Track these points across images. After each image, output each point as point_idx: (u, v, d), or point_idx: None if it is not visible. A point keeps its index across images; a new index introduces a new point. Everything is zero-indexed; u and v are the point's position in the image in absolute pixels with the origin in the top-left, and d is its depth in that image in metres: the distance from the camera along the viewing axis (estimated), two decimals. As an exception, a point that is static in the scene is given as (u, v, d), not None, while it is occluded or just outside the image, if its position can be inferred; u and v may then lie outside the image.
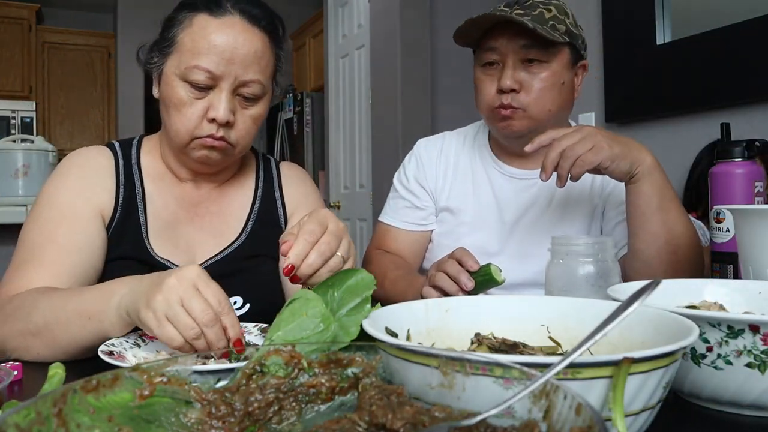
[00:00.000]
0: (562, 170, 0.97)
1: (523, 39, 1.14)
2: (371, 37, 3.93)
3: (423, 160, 1.36)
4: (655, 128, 2.10)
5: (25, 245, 0.94)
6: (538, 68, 1.16)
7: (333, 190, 4.56)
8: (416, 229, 1.35)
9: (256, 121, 1.00)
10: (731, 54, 1.81)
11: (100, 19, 6.29)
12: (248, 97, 0.97)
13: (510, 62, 1.16)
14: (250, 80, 0.96)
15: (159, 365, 0.39)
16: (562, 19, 1.16)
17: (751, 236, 0.79)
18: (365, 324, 0.53)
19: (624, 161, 0.97)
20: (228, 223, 1.08)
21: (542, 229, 1.25)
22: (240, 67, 0.94)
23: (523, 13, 1.13)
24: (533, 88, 1.16)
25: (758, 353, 0.53)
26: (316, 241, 0.74)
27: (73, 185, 0.98)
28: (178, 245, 1.02)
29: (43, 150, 2.48)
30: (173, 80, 0.95)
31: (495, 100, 1.18)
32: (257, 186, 1.14)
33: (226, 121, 0.95)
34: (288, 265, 0.73)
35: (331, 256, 0.75)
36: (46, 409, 0.32)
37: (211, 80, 0.94)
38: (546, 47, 1.15)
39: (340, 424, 0.37)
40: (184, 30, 0.96)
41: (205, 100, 0.95)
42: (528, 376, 0.36)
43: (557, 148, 0.97)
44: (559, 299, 0.66)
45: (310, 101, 5.00)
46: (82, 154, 1.04)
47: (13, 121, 5.46)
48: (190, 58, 0.94)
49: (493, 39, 1.17)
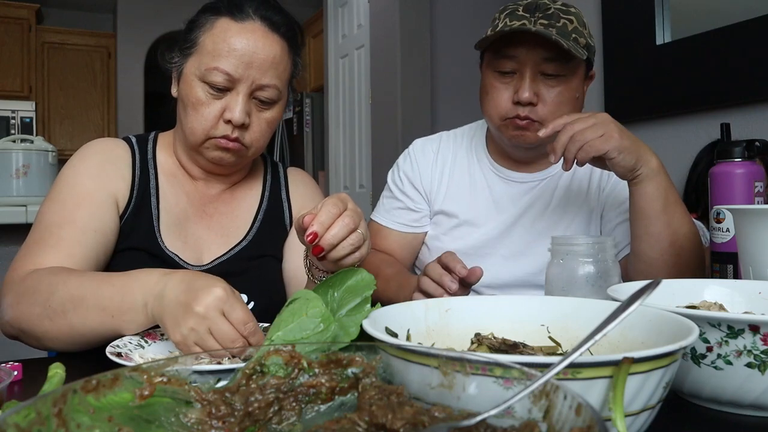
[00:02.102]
0: (569, 153, 0.96)
1: (544, 51, 1.11)
2: (371, 37, 3.93)
3: (419, 162, 1.35)
4: (655, 128, 2.10)
5: (42, 225, 0.95)
6: (555, 82, 1.14)
7: (333, 190, 4.56)
8: (408, 231, 1.34)
9: (270, 125, 1.02)
10: (731, 54, 1.81)
11: (100, 19, 6.29)
12: (264, 101, 0.99)
13: (529, 73, 1.13)
14: (266, 84, 0.98)
15: (159, 365, 0.39)
16: (582, 32, 1.14)
17: (751, 236, 0.79)
18: (365, 324, 0.53)
19: (631, 155, 0.97)
20: (235, 223, 1.09)
21: (539, 231, 1.25)
22: (258, 72, 0.97)
23: (548, 24, 1.10)
24: (550, 101, 1.14)
25: (758, 353, 0.53)
26: (339, 213, 0.75)
27: (92, 171, 1.00)
28: (187, 242, 1.03)
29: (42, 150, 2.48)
30: (192, 80, 0.98)
31: (510, 111, 1.16)
32: (264, 188, 1.15)
33: (241, 123, 0.97)
34: (311, 233, 0.72)
35: (353, 231, 0.75)
36: (46, 409, 0.32)
37: (229, 82, 0.96)
38: (566, 62, 1.13)
39: (340, 424, 0.37)
40: (205, 33, 0.98)
41: (222, 102, 0.97)
42: (528, 376, 0.36)
43: (568, 132, 0.97)
44: (559, 299, 0.66)
45: (310, 101, 5.00)
46: (101, 143, 1.06)
47: (13, 121, 5.46)
48: (210, 60, 0.96)
49: (513, 47, 1.14)
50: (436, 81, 3.73)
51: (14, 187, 2.41)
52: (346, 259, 0.76)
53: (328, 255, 0.74)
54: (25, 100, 5.58)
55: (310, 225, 0.73)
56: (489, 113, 1.21)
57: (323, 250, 0.73)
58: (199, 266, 1.03)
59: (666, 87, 2.00)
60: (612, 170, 1.00)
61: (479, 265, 0.97)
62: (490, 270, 1.18)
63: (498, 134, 1.23)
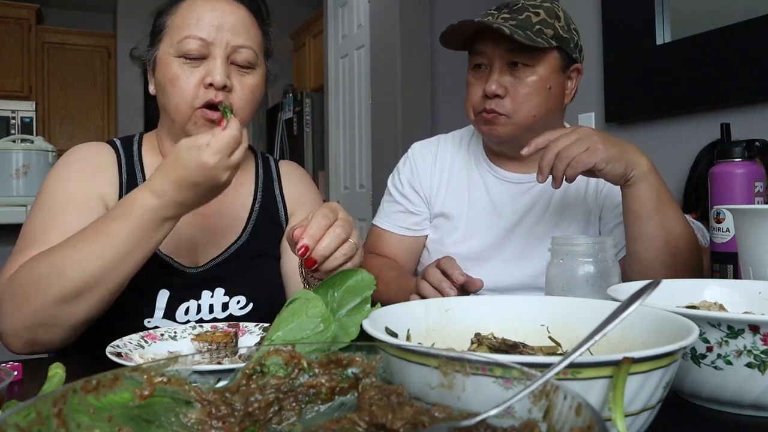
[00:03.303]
0: (557, 171, 0.97)
1: (507, 43, 1.14)
2: (371, 37, 3.93)
3: (418, 165, 1.35)
4: (655, 128, 2.10)
5: (29, 233, 0.93)
6: (523, 72, 1.15)
7: (333, 190, 4.56)
8: (410, 234, 1.34)
9: (253, 92, 1.00)
10: (731, 54, 1.81)
11: (100, 19, 6.29)
12: (242, 65, 0.99)
13: (497, 66, 1.16)
14: (241, 45, 0.98)
15: (159, 365, 0.39)
16: (551, 23, 1.15)
17: (751, 236, 0.79)
18: (365, 324, 0.53)
19: (619, 163, 0.97)
20: (229, 222, 1.08)
21: (538, 234, 1.25)
22: (230, 33, 0.97)
23: (509, 17, 1.13)
24: (518, 93, 1.15)
25: (758, 353, 0.53)
26: (330, 225, 0.74)
27: (77, 175, 0.98)
28: (180, 243, 1.02)
29: (42, 150, 2.48)
30: (167, 59, 0.97)
31: (479, 105, 1.18)
32: (257, 185, 1.14)
33: (223, 85, 0.95)
34: (302, 246, 0.72)
35: (345, 241, 0.75)
36: (46, 409, 0.32)
37: (203, 47, 0.96)
38: (531, 52, 1.14)
39: (340, 424, 0.36)
40: (172, 15, 1.00)
41: (201, 69, 0.96)
42: (528, 376, 0.36)
43: (553, 150, 0.97)
44: (559, 299, 0.66)
45: (310, 101, 5.00)
46: (85, 147, 1.04)
47: (13, 121, 5.45)
48: (181, 32, 0.96)
49: (481, 43, 1.18)
50: (436, 81, 3.73)
51: (14, 187, 2.41)
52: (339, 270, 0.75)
53: (321, 266, 0.74)
54: (25, 100, 5.58)
55: (300, 238, 0.73)
56: (466, 109, 1.24)
57: (316, 262, 0.73)
58: (194, 268, 1.01)
59: (666, 87, 2.00)
60: (604, 179, 1.01)
61: (481, 269, 0.97)
62: (491, 274, 1.19)
63: (477, 130, 1.26)
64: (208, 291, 1.01)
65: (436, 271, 0.99)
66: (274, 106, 5.80)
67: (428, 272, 1.00)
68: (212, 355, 0.68)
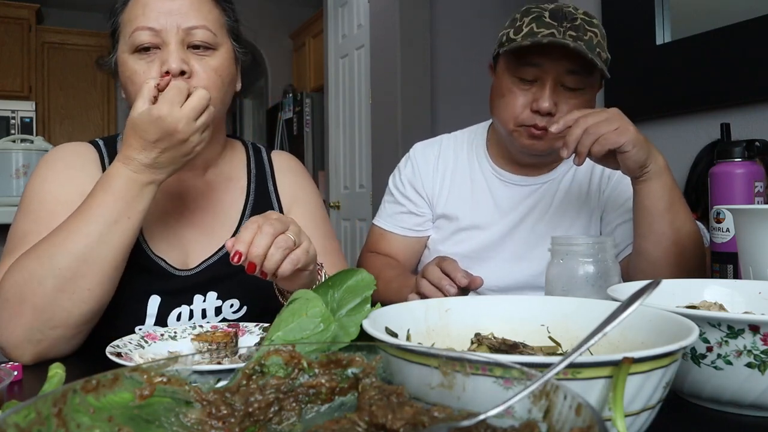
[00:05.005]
0: (583, 147, 0.96)
1: (568, 63, 1.10)
2: (371, 37, 3.93)
3: (420, 166, 1.34)
4: (655, 128, 2.10)
5: (16, 237, 0.91)
6: (573, 95, 1.13)
7: (333, 190, 4.56)
8: (412, 235, 1.33)
9: (219, 73, 0.94)
10: (731, 54, 1.81)
11: (100, 19, 6.25)
12: (200, 46, 0.93)
13: (550, 83, 1.12)
14: (194, 26, 0.92)
15: (159, 365, 0.39)
16: (603, 45, 1.13)
17: (751, 236, 0.79)
18: (365, 324, 0.53)
19: (643, 150, 0.97)
20: (221, 221, 1.04)
21: (539, 234, 1.25)
22: (179, 17, 0.92)
23: (576, 36, 1.08)
24: (566, 113, 1.10)
25: (758, 353, 0.53)
26: (259, 227, 0.75)
27: (61, 176, 0.96)
28: (171, 243, 0.98)
29: (42, 150, 2.48)
30: (125, 59, 0.94)
31: (528, 119, 1.15)
32: (249, 179, 1.09)
33: (180, 71, 0.89)
34: (235, 253, 0.72)
35: (280, 235, 0.75)
36: (46, 409, 0.32)
37: (155, 37, 0.91)
38: (588, 76, 1.12)
39: (340, 425, 0.36)
40: (122, 13, 0.96)
41: (157, 61, 0.92)
42: (528, 376, 0.36)
43: (582, 125, 0.96)
44: (559, 299, 0.66)
45: (309, 101, 5.00)
46: (66, 148, 1.02)
47: (13, 121, 5.46)
48: (131, 26, 0.92)
49: (538, 56, 1.12)
50: (436, 81, 3.73)
51: (14, 187, 2.41)
52: (285, 268, 0.75)
53: (268, 268, 0.74)
54: (25, 100, 5.58)
55: (232, 248, 0.73)
56: (502, 117, 1.19)
57: (256, 265, 0.73)
58: (185, 271, 0.98)
59: (666, 87, 2.00)
60: (622, 166, 0.99)
61: (481, 268, 0.97)
62: (492, 273, 1.19)
63: (509, 139, 1.21)
64: (200, 295, 0.98)
65: (436, 269, 0.99)
66: (274, 106, 5.80)
67: (428, 270, 1.00)
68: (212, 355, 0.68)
